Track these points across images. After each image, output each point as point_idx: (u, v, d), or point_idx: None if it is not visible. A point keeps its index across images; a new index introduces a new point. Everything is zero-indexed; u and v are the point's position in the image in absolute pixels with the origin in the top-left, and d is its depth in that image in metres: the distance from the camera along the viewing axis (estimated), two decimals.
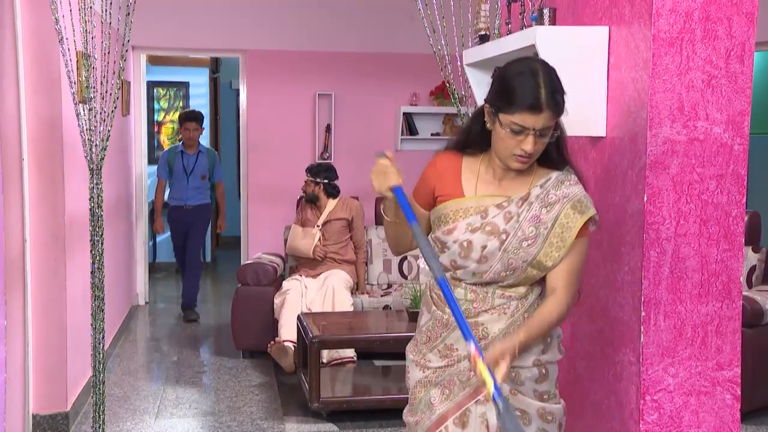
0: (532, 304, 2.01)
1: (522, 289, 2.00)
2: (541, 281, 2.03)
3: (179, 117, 6.54)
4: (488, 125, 1.95)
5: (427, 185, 2.07)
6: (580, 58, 2.21)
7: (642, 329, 2.03)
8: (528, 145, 1.87)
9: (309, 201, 5.28)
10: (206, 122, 9.11)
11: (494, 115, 1.91)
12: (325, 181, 5.25)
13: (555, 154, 1.98)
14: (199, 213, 6.30)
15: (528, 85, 1.85)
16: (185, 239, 6.30)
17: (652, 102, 1.99)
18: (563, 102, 1.89)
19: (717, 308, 2.04)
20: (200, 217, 6.34)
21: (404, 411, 2.17)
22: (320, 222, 5.23)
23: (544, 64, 1.92)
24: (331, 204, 5.27)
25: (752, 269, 4.51)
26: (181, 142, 6.36)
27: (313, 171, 5.28)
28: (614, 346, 2.19)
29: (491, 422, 1.97)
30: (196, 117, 6.33)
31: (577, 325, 2.42)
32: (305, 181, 5.29)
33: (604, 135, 2.24)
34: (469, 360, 1.89)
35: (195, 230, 6.30)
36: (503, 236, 1.95)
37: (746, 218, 4.44)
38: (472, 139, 2.02)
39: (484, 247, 1.96)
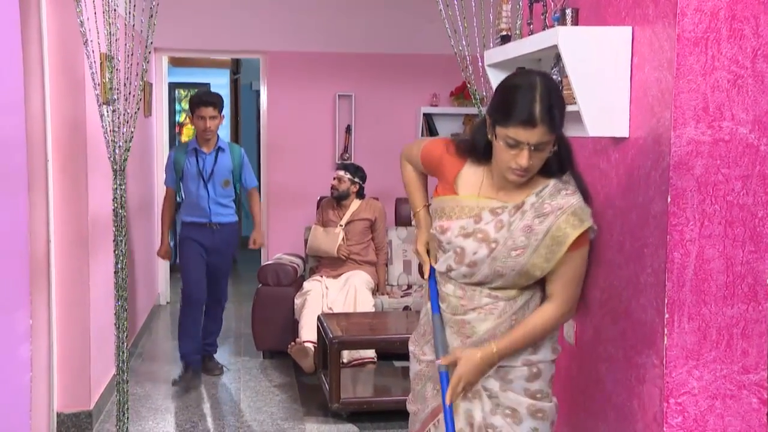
0: (521, 307, 2.02)
1: (512, 292, 2.02)
2: (534, 285, 2.03)
3: (190, 101, 4.66)
4: (489, 136, 1.95)
5: (431, 159, 2.14)
6: (602, 58, 2.19)
7: (666, 331, 2.02)
8: (523, 159, 1.87)
9: (340, 199, 5.26)
10: (226, 123, 9.21)
11: (492, 127, 1.91)
12: (361, 181, 5.27)
13: (555, 166, 1.97)
14: (227, 235, 4.73)
15: (524, 99, 1.84)
16: (205, 269, 4.70)
17: (676, 102, 1.97)
18: (561, 117, 1.87)
19: (742, 311, 2.02)
20: (228, 240, 4.75)
21: (408, 399, 2.25)
22: (343, 222, 5.24)
23: (545, 78, 1.90)
24: (355, 204, 5.28)
25: None
26: (194, 138, 4.70)
27: (351, 169, 5.27)
28: (637, 348, 2.17)
29: (476, 419, 2.02)
30: (213, 100, 4.55)
31: (599, 326, 2.40)
32: (339, 178, 5.23)
33: (627, 136, 2.22)
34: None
35: (220, 258, 4.74)
36: (492, 245, 1.96)
37: None
38: (477, 149, 2.02)
39: (474, 254, 1.98)
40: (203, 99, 4.56)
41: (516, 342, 1.98)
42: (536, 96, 1.84)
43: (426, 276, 2.14)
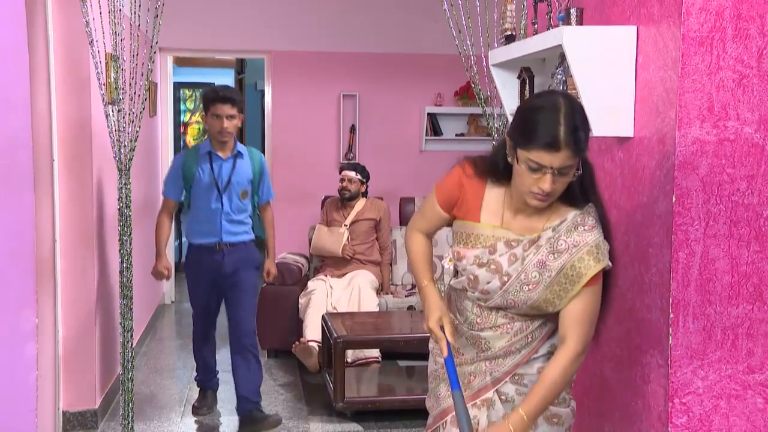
0: (538, 327, 1.99)
1: (527, 315, 1.99)
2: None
3: (204, 97, 3.90)
4: (509, 159, 1.87)
5: (452, 191, 2.02)
6: (607, 57, 2.19)
7: (670, 331, 2.01)
8: (545, 183, 1.79)
9: (350, 199, 5.26)
10: None
11: (513, 149, 1.84)
12: (366, 180, 5.28)
13: (578, 191, 1.89)
14: (244, 257, 3.91)
15: (547, 121, 1.75)
16: (219, 301, 3.99)
17: (681, 102, 1.97)
18: (586, 141, 1.79)
19: (748, 310, 2.02)
20: (246, 263, 3.91)
21: (427, 395, 2.24)
22: (348, 221, 5.24)
23: (569, 99, 1.82)
24: (360, 204, 5.28)
25: None
26: (206, 140, 3.93)
27: (359, 169, 5.27)
28: (642, 348, 2.17)
29: (481, 424, 2.00)
30: (232, 96, 3.81)
31: (603, 327, 2.40)
32: (349, 179, 5.23)
33: (632, 135, 2.22)
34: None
35: (240, 286, 3.88)
36: (505, 278, 1.93)
37: None
38: (497, 170, 1.94)
39: (487, 283, 1.96)
40: (220, 95, 3.77)
41: (543, 400, 1.90)
42: (560, 118, 1.75)
43: (445, 354, 2.00)
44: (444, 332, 2.01)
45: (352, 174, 5.21)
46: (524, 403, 1.91)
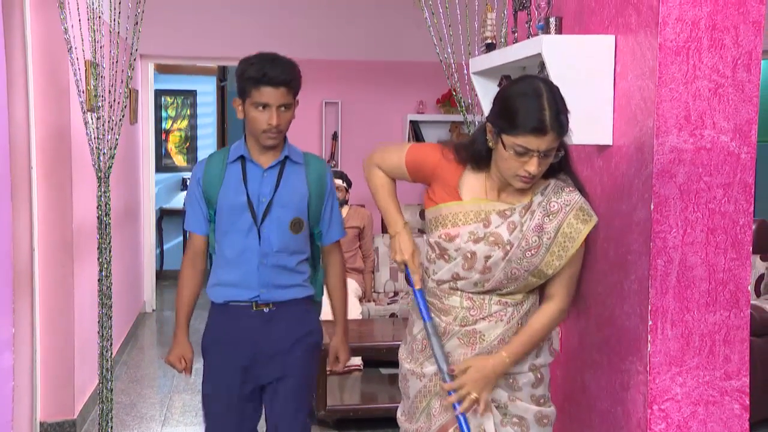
0: (527, 311, 2.04)
1: (519, 296, 2.03)
2: (536, 288, 2.06)
3: (242, 77, 2.44)
4: (490, 144, 1.93)
5: (424, 165, 2.05)
6: (586, 66, 2.21)
7: (649, 338, 2.03)
8: (532, 166, 1.86)
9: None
10: (212, 131, 9.20)
11: (497, 135, 1.89)
12: (350, 188, 5.26)
13: (556, 165, 1.97)
14: (298, 325, 2.51)
15: (532, 106, 1.83)
16: (254, 402, 2.54)
17: (658, 110, 1.99)
18: (567, 122, 1.88)
19: (725, 317, 2.03)
20: (302, 336, 2.51)
21: (398, 413, 2.19)
22: None
23: (548, 84, 1.90)
24: (343, 212, 5.27)
25: (761, 278, 4.49)
26: (240, 141, 2.53)
27: (344, 177, 5.24)
28: (621, 355, 2.18)
29: (488, 430, 2.00)
30: (286, 78, 2.47)
31: (583, 333, 2.41)
32: (337, 187, 5.16)
33: (611, 143, 2.23)
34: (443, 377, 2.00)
35: (289, 375, 2.49)
36: (507, 247, 1.95)
37: (754, 227, 4.42)
38: (478, 156, 1.99)
39: (488, 258, 1.96)
40: (268, 74, 2.40)
41: (525, 345, 1.98)
42: (544, 103, 1.83)
43: (418, 286, 2.05)
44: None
45: (339, 182, 5.21)
46: (507, 347, 1.98)
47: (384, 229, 5.85)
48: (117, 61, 3.42)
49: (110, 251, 3.48)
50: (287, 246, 2.47)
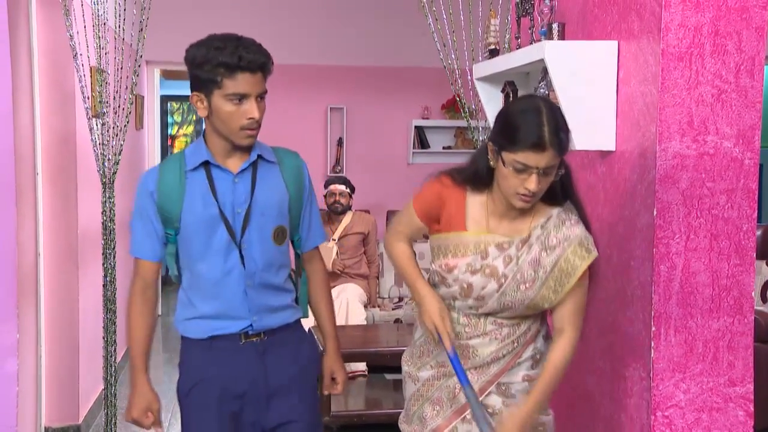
0: (524, 332, 2.02)
1: (516, 319, 2.02)
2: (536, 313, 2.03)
3: (206, 61, 2.10)
4: (491, 163, 1.92)
5: (431, 204, 2.05)
6: (589, 72, 2.21)
7: (652, 344, 2.02)
8: (532, 184, 1.84)
9: (341, 213, 5.24)
10: None
11: (497, 153, 1.89)
12: (353, 193, 5.27)
13: (558, 191, 1.95)
14: (296, 354, 2.13)
15: (531, 123, 1.82)
16: None
17: (661, 116, 1.99)
18: (567, 140, 1.86)
19: (728, 323, 2.03)
20: (300, 368, 2.12)
21: (400, 417, 2.21)
22: (336, 236, 5.23)
23: (548, 102, 1.90)
24: (348, 218, 5.27)
25: (766, 284, 4.47)
26: (197, 142, 2.12)
27: (347, 182, 5.25)
28: (624, 361, 2.17)
29: None
30: (265, 60, 2.11)
31: (586, 340, 2.40)
32: (339, 192, 5.19)
33: (614, 149, 2.23)
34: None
35: (293, 421, 2.08)
36: (502, 280, 1.95)
37: (759, 232, 4.40)
38: (478, 177, 1.98)
39: (483, 288, 1.97)
40: (245, 58, 2.06)
41: (549, 385, 1.96)
42: (543, 119, 1.81)
43: (449, 349, 1.99)
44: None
45: (342, 187, 5.20)
46: (534, 391, 1.96)
47: None
48: (122, 68, 3.43)
49: (115, 257, 3.49)
50: (273, 260, 2.07)
